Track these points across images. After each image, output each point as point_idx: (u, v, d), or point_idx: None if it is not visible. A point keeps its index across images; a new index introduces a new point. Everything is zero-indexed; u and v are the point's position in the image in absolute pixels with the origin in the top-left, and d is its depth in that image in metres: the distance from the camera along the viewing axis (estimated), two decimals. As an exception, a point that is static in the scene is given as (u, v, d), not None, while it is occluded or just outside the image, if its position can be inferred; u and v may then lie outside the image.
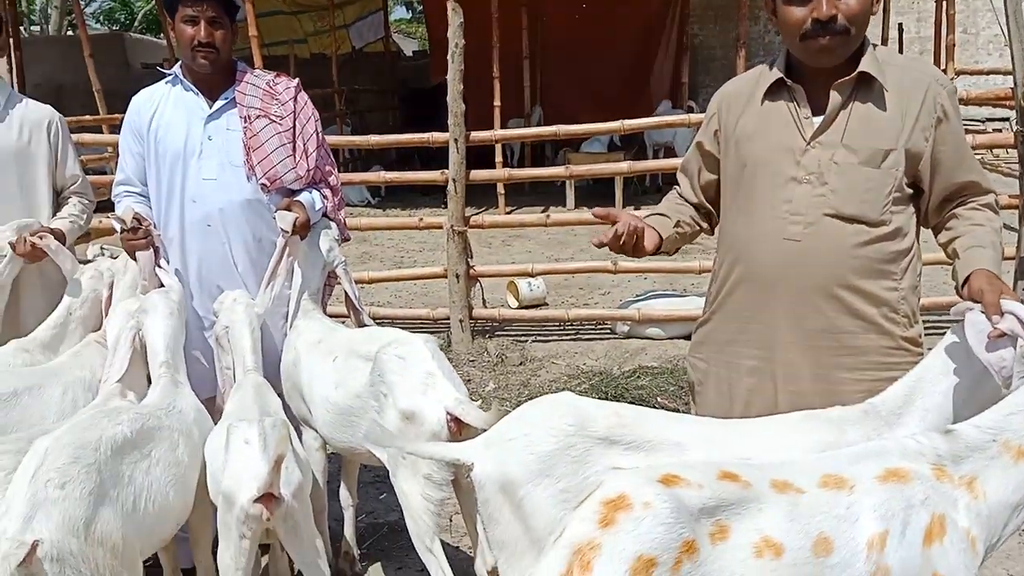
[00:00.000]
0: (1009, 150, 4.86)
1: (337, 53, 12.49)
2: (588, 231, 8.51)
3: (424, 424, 2.14)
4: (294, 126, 2.70)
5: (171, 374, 2.25)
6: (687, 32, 12.34)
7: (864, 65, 1.86)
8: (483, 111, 9.84)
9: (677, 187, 2.24)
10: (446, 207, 5.06)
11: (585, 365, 4.89)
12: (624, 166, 5.51)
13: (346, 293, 2.78)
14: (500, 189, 9.56)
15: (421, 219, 5.36)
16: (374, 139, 5.47)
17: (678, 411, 4.12)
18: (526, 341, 5.35)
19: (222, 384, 2.50)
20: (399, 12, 45.47)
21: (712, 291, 2.13)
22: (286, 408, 2.46)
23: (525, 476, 1.76)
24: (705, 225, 2.21)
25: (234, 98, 2.67)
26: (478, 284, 5.41)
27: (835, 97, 1.88)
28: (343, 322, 2.91)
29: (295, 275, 2.66)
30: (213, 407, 2.49)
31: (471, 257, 5.24)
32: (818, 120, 1.91)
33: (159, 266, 2.53)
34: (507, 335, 5.49)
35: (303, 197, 2.66)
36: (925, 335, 2.02)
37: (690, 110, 10.37)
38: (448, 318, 5.22)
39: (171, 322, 2.32)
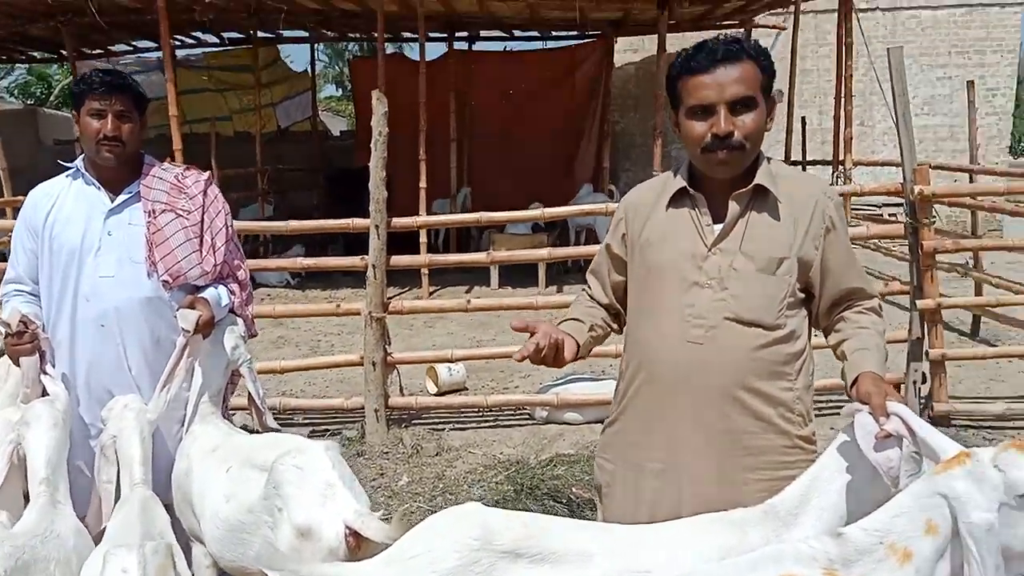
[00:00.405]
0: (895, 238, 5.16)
1: (262, 132, 12.47)
2: (511, 313, 8.57)
3: (321, 540, 2.04)
4: (202, 220, 2.65)
5: (50, 492, 2.11)
6: (608, 120, 12.77)
7: (759, 178, 1.96)
8: (409, 192, 9.93)
9: (587, 289, 2.27)
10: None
11: (502, 454, 4.84)
12: (544, 252, 5.59)
13: (249, 394, 2.70)
14: (424, 271, 9.56)
15: (339, 305, 5.31)
16: (293, 224, 5.43)
17: (592, 500, 4.11)
18: (443, 429, 5.28)
19: (96, 500, 2.36)
20: (329, 90, 45.75)
21: (619, 392, 2.15)
22: (176, 523, 2.34)
23: None
24: (615, 326, 2.25)
25: (139, 192, 2.61)
26: (395, 371, 5.34)
27: (733, 207, 1.96)
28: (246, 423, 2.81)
29: (195, 376, 2.57)
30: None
31: (389, 344, 5.18)
32: (718, 228, 1.98)
33: (44, 372, 2.41)
34: (424, 423, 5.41)
35: (208, 293, 2.59)
36: (823, 413, 2.07)
37: (611, 194, 10.67)
38: (363, 408, 5.12)
39: (54, 434, 2.20)
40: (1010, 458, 1.51)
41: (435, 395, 5.86)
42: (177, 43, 13.36)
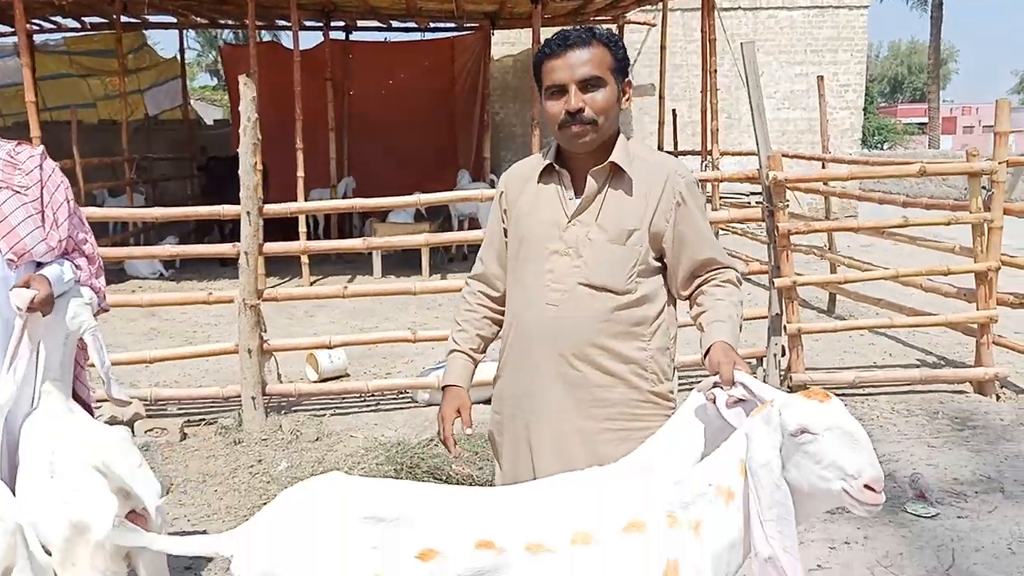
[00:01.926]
0: (759, 223, 5.49)
1: (130, 120, 11.92)
2: (393, 300, 8.58)
3: (91, 534, 2.08)
4: (41, 196, 2.56)
5: None
6: (487, 110, 12.90)
7: (614, 156, 2.13)
8: (287, 181, 9.76)
9: (481, 264, 2.39)
10: None
11: (383, 436, 4.87)
12: (421, 238, 5.63)
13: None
14: (304, 259, 9.43)
15: (211, 293, 5.18)
16: (158, 212, 5.26)
17: (472, 476, 4.21)
18: (324, 415, 5.26)
19: None
20: (203, 79, 44.09)
21: (501, 350, 2.32)
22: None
23: (289, 566, 1.75)
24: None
25: None
26: (273, 359, 5.28)
27: (591, 182, 2.13)
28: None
29: (40, 354, 2.50)
30: None
31: (264, 331, 5.12)
32: (579, 201, 2.16)
33: None
34: (305, 410, 5.37)
35: (49, 270, 2.51)
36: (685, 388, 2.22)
37: (492, 183, 10.80)
38: (240, 396, 5.04)
39: None
40: (791, 402, 1.69)
41: (316, 382, 5.81)
42: (35, 27, 12.60)
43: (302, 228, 9.12)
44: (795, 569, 1.66)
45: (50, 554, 2.09)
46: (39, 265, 2.55)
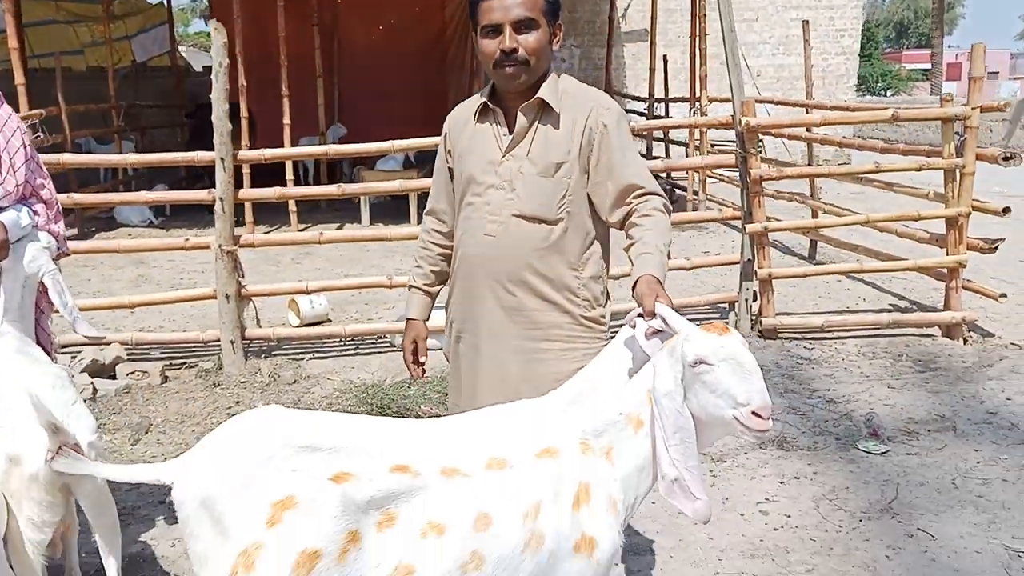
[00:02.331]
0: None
1: (117, 67, 11.85)
2: (380, 248, 8.65)
3: (24, 467, 2.17)
4: None
5: None
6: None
7: (541, 93, 2.25)
8: (275, 128, 9.75)
9: (434, 202, 2.53)
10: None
11: (359, 379, 4.99)
12: (396, 184, 5.64)
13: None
14: (292, 207, 9.47)
15: (187, 239, 5.26)
16: (132, 158, 5.32)
17: (439, 415, 4.34)
18: (303, 359, 5.38)
19: None
20: (198, 25, 43.43)
21: (450, 279, 2.48)
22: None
23: (225, 491, 1.84)
24: None
25: None
26: (252, 304, 5.38)
27: (521, 118, 2.26)
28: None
29: (1, 296, 2.59)
30: None
31: (242, 277, 5.20)
32: (512, 137, 2.28)
33: None
34: (285, 354, 5.49)
35: (6, 215, 2.58)
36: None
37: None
38: (218, 340, 5.15)
39: None
40: (692, 335, 1.78)
41: (297, 327, 5.92)
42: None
43: (289, 175, 9.14)
44: (698, 486, 1.77)
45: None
46: None
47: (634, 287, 2.07)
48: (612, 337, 2.11)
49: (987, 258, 6.00)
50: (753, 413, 1.71)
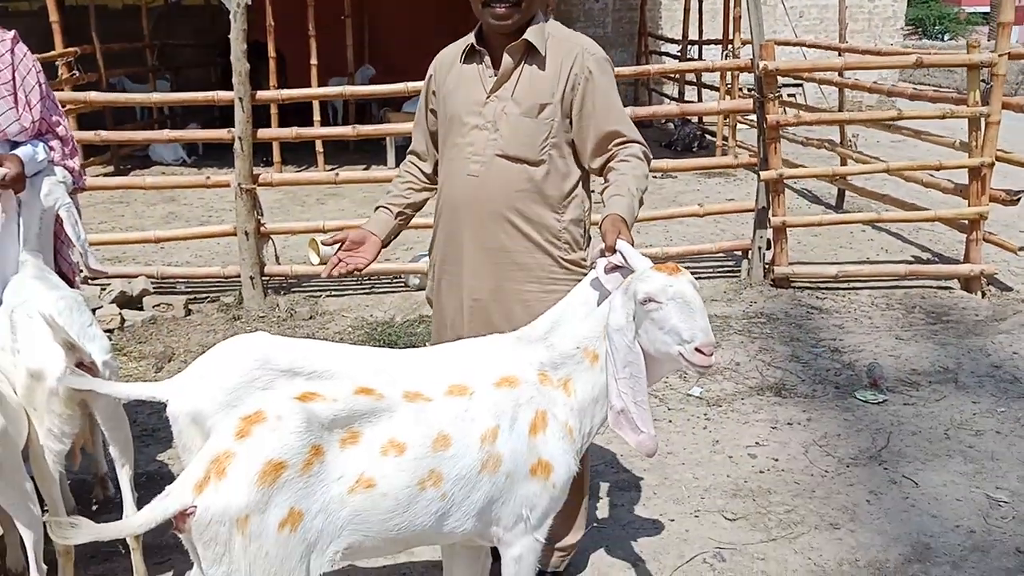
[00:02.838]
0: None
1: (150, 5, 11.92)
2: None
3: (46, 381, 2.31)
4: (13, 78, 2.73)
5: None
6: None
7: (527, 35, 2.27)
8: (302, 69, 9.79)
9: (411, 156, 2.57)
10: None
11: (372, 317, 5.12)
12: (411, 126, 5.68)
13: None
14: (319, 148, 9.57)
15: (208, 177, 5.39)
16: (156, 97, 5.41)
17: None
18: (320, 296, 5.52)
19: None
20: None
21: (434, 221, 2.50)
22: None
23: (213, 408, 1.99)
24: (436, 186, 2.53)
25: None
26: (271, 241, 5.51)
27: (507, 60, 2.29)
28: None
29: (19, 227, 2.72)
30: None
31: (261, 215, 5.33)
32: (497, 77, 2.31)
33: None
34: (303, 291, 5.64)
35: (22, 150, 2.70)
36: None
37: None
38: (239, 275, 5.31)
39: None
40: (644, 274, 1.84)
41: (316, 265, 6.05)
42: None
43: (315, 116, 9.21)
44: (644, 420, 1.85)
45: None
46: (14, 145, 2.74)
47: (600, 225, 2.13)
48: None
49: (1018, 211, 5.89)
50: (696, 349, 1.77)
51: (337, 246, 2.39)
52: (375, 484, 1.76)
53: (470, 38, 2.36)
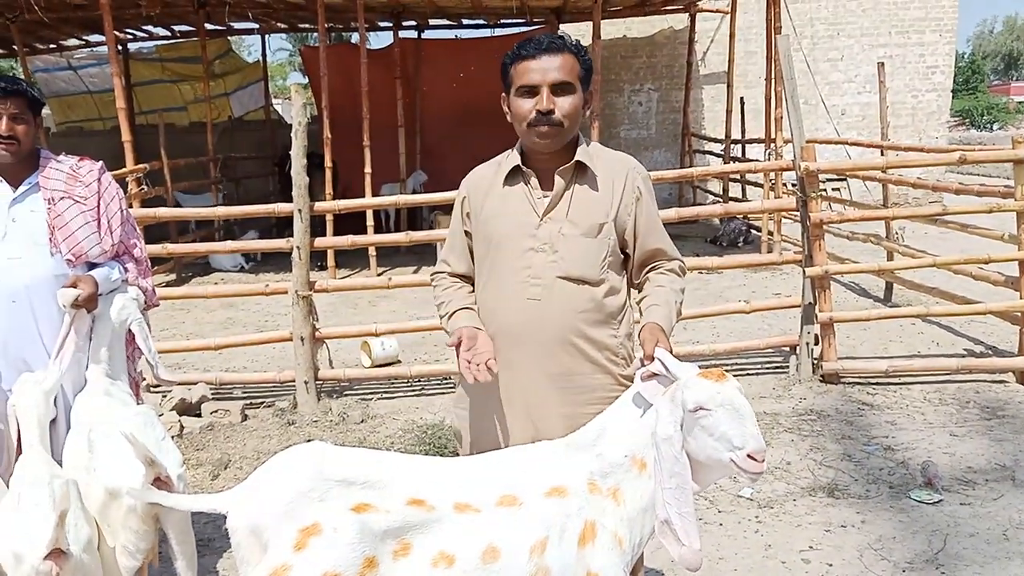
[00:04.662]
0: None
1: (215, 121, 12.67)
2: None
3: (124, 498, 2.42)
4: (98, 206, 2.98)
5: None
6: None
7: (579, 155, 2.32)
8: (358, 177, 10.24)
9: (445, 265, 2.54)
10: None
11: (422, 419, 5.21)
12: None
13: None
14: (372, 252, 9.90)
15: (267, 285, 5.63)
16: (221, 211, 5.74)
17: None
18: (371, 399, 5.64)
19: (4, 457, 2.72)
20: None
21: None
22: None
23: (271, 520, 2.06)
24: None
25: (37, 183, 2.92)
26: (325, 346, 5.69)
27: (559, 181, 2.31)
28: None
29: (93, 343, 2.91)
30: None
31: (316, 320, 5.53)
32: (548, 199, 2.32)
33: None
34: (355, 394, 5.77)
35: (99, 271, 2.91)
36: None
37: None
38: (294, 380, 5.47)
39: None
40: (691, 382, 1.90)
41: (369, 368, 6.20)
42: (129, 36, 13.51)
43: (369, 222, 9.57)
44: (688, 532, 1.88)
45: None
46: (93, 266, 2.97)
47: (639, 334, 2.20)
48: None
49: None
50: (748, 456, 1.82)
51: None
52: (426, 597, 1.81)
53: (511, 158, 2.38)
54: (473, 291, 2.48)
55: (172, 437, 4.96)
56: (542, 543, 1.93)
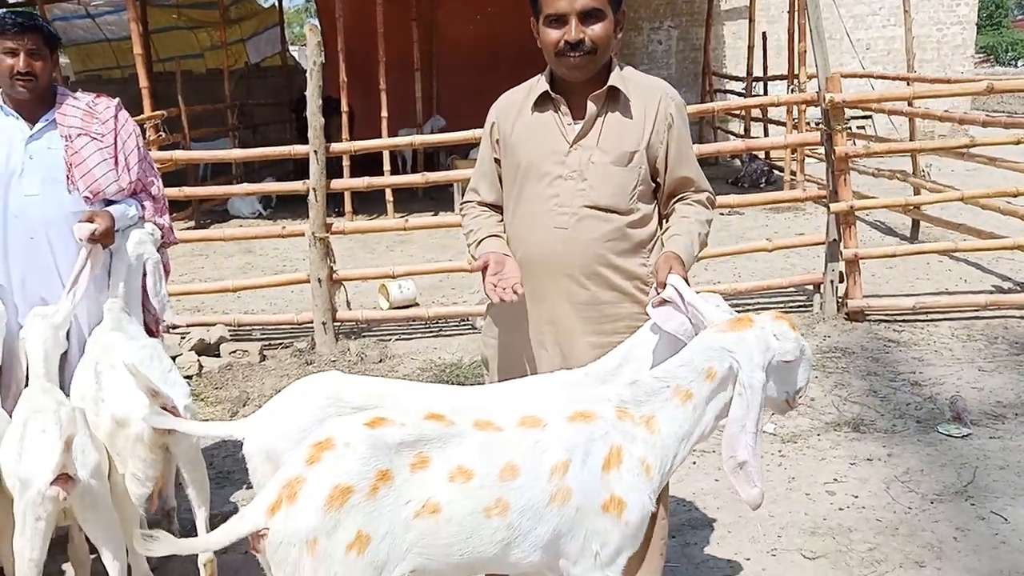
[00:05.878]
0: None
1: (232, 68, 12.53)
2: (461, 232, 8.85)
3: (130, 428, 2.41)
4: (115, 143, 2.93)
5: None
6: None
7: (612, 80, 2.21)
8: (374, 121, 10.11)
9: (475, 194, 2.45)
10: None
11: (439, 359, 5.19)
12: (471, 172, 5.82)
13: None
14: (389, 196, 9.82)
15: (284, 227, 5.59)
16: (236, 153, 5.68)
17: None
18: (389, 340, 5.63)
19: (13, 388, 2.71)
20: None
21: None
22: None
23: (286, 445, 2.04)
24: None
25: (54, 119, 2.87)
26: (343, 287, 5.66)
27: (591, 107, 2.21)
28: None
29: (109, 280, 2.88)
30: None
31: (333, 262, 5.49)
32: (578, 126, 2.23)
33: None
34: (373, 335, 5.76)
35: (115, 207, 2.87)
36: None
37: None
38: (312, 321, 5.46)
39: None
40: (782, 330, 1.89)
41: (386, 310, 6.18)
42: (145, -19, 13.31)
43: (386, 166, 9.47)
44: (759, 475, 1.87)
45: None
46: (110, 203, 2.93)
47: (655, 264, 2.14)
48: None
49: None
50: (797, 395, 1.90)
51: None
52: (440, 510, 1.78)
53: (540, 84, 2.28)
54: (503, 219, 2.40)
55: (191, 376, 5.02)
56: (564, 464, 1.89)
